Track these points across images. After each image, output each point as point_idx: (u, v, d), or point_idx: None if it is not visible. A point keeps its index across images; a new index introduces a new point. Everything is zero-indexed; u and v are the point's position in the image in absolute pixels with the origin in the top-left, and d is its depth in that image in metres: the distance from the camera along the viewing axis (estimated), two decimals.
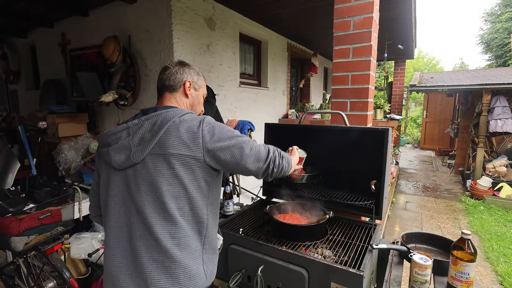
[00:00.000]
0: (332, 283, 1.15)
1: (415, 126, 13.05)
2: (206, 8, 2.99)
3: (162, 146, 0.92)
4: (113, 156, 0.97)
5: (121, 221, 0.97)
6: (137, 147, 0.94)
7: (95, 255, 2.15)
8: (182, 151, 0.92)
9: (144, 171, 0.94)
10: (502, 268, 2.83)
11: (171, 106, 1.04)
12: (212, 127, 0.97)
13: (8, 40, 4.58)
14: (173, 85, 1.09)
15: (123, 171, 0.97)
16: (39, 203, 1.80)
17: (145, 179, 0.94)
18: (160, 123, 0.94)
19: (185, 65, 1.14)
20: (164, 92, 1.10)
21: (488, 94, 5.06)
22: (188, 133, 0.93)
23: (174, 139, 0.92)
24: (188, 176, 0.93)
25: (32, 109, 4.16)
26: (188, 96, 1.12)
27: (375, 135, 1.50)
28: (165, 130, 0.93)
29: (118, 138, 0.98)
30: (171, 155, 0.92)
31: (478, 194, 4.82)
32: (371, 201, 1.53)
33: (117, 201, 0.98)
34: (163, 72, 1.11)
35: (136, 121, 0.97)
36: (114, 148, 0.97)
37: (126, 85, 3.04)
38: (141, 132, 0.95)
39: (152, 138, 0.93)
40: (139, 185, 0.94)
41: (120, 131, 0.98)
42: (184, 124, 0.95)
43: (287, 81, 5.01)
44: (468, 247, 1.08)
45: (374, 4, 1.72)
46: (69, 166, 3.03)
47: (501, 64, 12.18)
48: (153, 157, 0.93)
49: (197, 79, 1.15)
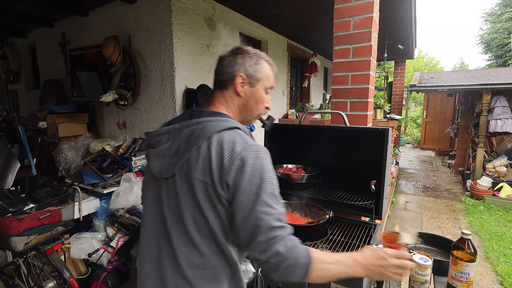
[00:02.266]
0: (332, 283, 1.15)
1: (415, 126, 13.04)
2: (206, 8, 2.99)
3: (190, 166, 0.79)
4: (152, 160, 0.87)
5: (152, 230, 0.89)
6: (170, 158, 0.82)
7: (95, 255, 2.16)
8: (207, 178, 0.76)
9: (173, 188, 0.82)
10: (502, 268, 2.83)
11: (218, 113, 0.87)
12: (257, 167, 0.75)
13: (8, 40, 4.58)
14: (223, 81, 0.90)
15: (156, 180, 0.88)
16: (39, 203, 1.79)
17: (173, 198, 0.83)
18: (197, 135, 0.79)
19: (238, 53, 0.90)
20: (215, 90, 0.93)
21: (488, 94, 5.06)
22: (220, 159, 0.76)
23: (203, 161, 0.77)
24: (210, 208, 0.78)
25: (32, 109, 4.16)
26: (240, 95, 0.90)
27: (375, 135, 1.49)
28: (198, 146, 0.78)
29: (159, 141, 0.86)
30: (195, 179, 0.78)
31: (478, 194, 4.82)
32: (371, 201, 1.53)
33: (151, 208, 0.90)
34: (217, 64, 0.93)
35: (178, 126, 0.84)
36: (154, 152, 0.87)
37: (126, 85, 3.04)
38: (179, 141, 0.82)
39: (185, 152, 0.80)
40: (170, 201, 0.84)
41: (162, 133, 0.86)
42: (220, 145, 0.77)
43: (287, 81, 5.01)
44: (468, 247, 1.08)
45: (374, 4, 1.72)
46: (69, 166, 3.03)
47: (501, 64, 12.18)
48: (181, 176, 0.80)
49: (255, 70, 0.90)
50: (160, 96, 2.86)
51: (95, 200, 2.46)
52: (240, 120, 0.93)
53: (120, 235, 2.31)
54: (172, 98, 2.76)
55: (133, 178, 2.56)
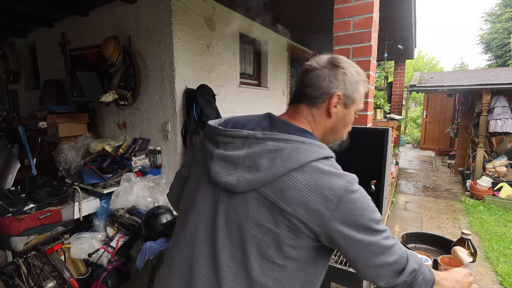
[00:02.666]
0: (332, 283, 1.15)
1: (415, 126, 13.04)
2: (206, 8, 2.99)
3: (277, 193, 0.66)
4: (215, 164, 0.74)
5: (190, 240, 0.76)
6: (245, 172, 0.68)
7: (95, 255, 2.16)
8: (299, 214, 0.64)
9: (242, 209, 0.69)
10: (502, 268, 2.83)
11: (306, 132, 0.75)
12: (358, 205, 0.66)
13: (8, 40, 4.58)
14: (315, 97, 0.76)
15: (217, 188, 0.74)
16: (39, 203, 1.79)
17: (237, 219, 0.70)
18: (287, 158, 0.66)
19: (339, 66, 0.76)
20: (300, 103, 0.79)
21: (488, 94, 5.06)
22: (319, 194, 0.64)
23: (297, 192, 0.65)
24: (292, 244, 0.67)
25: (32, 109, 4.16)
26: (331, 116, 0.78)
27: (375, 135, 1.49)
28: (290, 172, 0.65)
29: (230, 144, 0.73)
30: (282, 211, 0.65)
31: (478, 194, 4.82)
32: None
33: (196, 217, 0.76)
34: (306, 74, 0.78)
35: (260, 135, 0.70)
36: (219, 154, 0.73)
37: (126, 85, 3.04)
38: (259, 153, 0.68)
39: (269, 172, 0.66)
40: (229, 219, 0.71)
41: (236, 136, 0.73)
42: (318, 177, 0.65)
43: (287, 81, 5.02)
44: (468, 247, 1.08)
45: (374, 4, 1.72)
46: (69, 166, 3.04)
47: (501, 64, 12.18)
48: (259, 199, 0.67)
49: (353, 89, 0.77)
50: (160, 96, 2.86)
51: (95, 200, 2.46)
52: (321, 141, 0.77)
53: (120, 235, 2.31)
54: (172, 98, 2.76)
55: (133, 178, 2.56)
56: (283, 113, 0.82)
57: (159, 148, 2.94)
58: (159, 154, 2.94)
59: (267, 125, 0.75)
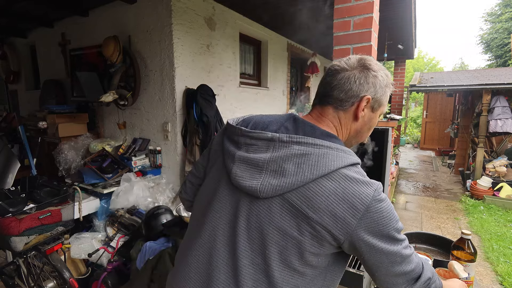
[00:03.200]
0: None
1: (415, 126, 13.04)
2: (206, 8, 2.99)
3: (303, 200, 0.64)
4: (236, 166, 0.71)
5: (207, 245, 0.74)
6: (271, 177, 0.66)
7: (95, 255, 2.16)
8: (325, 222, 0.63)
9: (263, 214, 0.67)
10: (502, 268, 2.83)
11: (333, 136, 0.72)
12: (386, 214, 0.65)
13: (8, 40, 4.58)
14: (344, 100, 0.74)
15: (238, 191, 0.71)
16: (39, 203, 1.79)
17: (259, 224, 0.68)
18: (315, 164, 0.64)
19: (370, 69, 0.74)
20: (326, 105, 0.76)
21: (488, 94, 5.06)
22: (346, 202, 0.63)
23: (324, 200, 0.63)
24: (314, 251, 0.66)
25: (32, 109, 4.16)
26: (358, 119, 0.76)
27: (375, 135, 1.49)
28: (318, 179, 0.64)
29: (252, 145, 0.71)
30: (307, 218, 0.64)
31: (478, 194, 4.82)
32: None
33: (216, 220, 0.74)
34: (334, 75, 0.75)
35: (285, 138, 0.68)
36: (241, 157, 0.71)
37: (126, 85, 3.04)
38: (285, 157, 0.66)
39: (296, 178, 0.64)
40: (250, 225, 0.69)
41: (260, 138, 0.70)
42: (346, 185, 0.64)
43: (287, 81, 5.02)
44: (468, 247, 1.08)
45: (374, 4, 1.72)
46: (69, 166, 3.04)
47: (501, 64, 12.18)
48: (284, 205, 0.66)
49: (382, 93, 0.76)
50: (160, 96, 2.86)
51: (95, 200, 2.46)
52: (344, 144, 0.75)
53: (120, 235, 2.31)
54: (172, 98, 2.76)
55: (133, 178, 2.56)
56: (307, 115, 0.80)
57: (159, 148, 2.94)
58: (159, 154, 2.94)
59: (291, 128, 0.72)
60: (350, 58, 0.76)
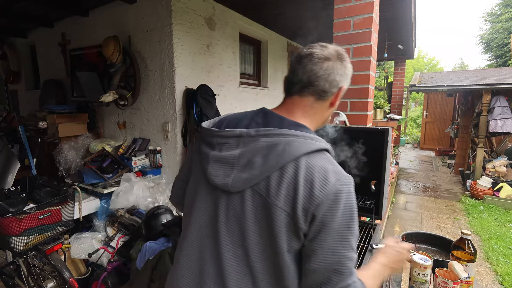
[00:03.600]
0: None
1: (415, 126, 13.04)
2: (206, 8, 2.99)
3: (270, 189, 0.66)
4: (211, 166, 0.74)
5: (196, 243, 0.77)
6: (240, 171, 0.69)
7: (95, 255, 2.16)
8: (288, 207, 0.65)
9: (239, 208, 0.69)
10: (502, 268, 2.83)
11: (302, 126, 0.73)
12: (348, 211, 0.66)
13: (8, 40, 4.58)
14: (327, 90, 0.75)
15: (214, 190, 0.74)
16: (39, 203, 1.79)
17: (237, 217, 0.70)
18: (281, 153, 0.66)
19: (345, 60, 0.77)
20: (307, 95, 0.76)
21: (488, 94, 5.06)
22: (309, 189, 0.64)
23: (288, 187, 0.65)
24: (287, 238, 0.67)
25: (32, 109, 4.16)
26: (332, 107, 0.80)
27: (375, 135, 1.49)
28: (283, 168, 0.65)
29: (224, 144, 0.74)
30: (276, 207, 0.65)
31: (478, 194, 4.82)
32: (371, 201, 1.53)
33: (199, 220, 0.77)
34: (318, 63, 0.73)
35: (253, 133, 0.70)
36: (215, 156, 0.73)
37: (126, 85, 3.04)
38: (253, 151, 0.68)
39: (263, 170, 0.66)
40: (229, 219, 0.71)
41: (229, 136, 0.73)
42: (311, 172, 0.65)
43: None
44: (468, 247, 1.08)
45: (374, 4, 1.72)
46: (69, 166, 3.04)
47: (501, 64, 12.18)
48: (255, 196, 0.68)
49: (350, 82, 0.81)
50: (160, 96, 2.86)
51: (95, 200, 2.46)
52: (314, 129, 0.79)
53: (120, 235, 2.31)
54: (172, 98, 2.76)
55: (133, 178, 2.56)
56: (279, 106, 0.82)
57: (159, 148, 2.94)
58: (159, 154, 2.94)
59: (261, 122, 0.74)
60: (327, 47, 0.76)
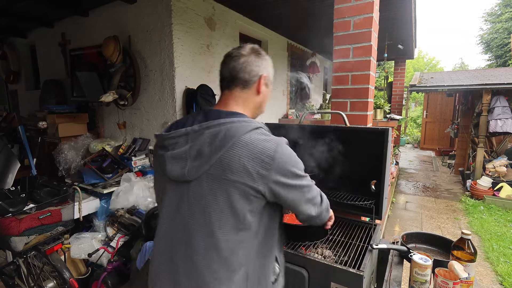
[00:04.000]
0: (332, 283, 1.15)
1: (415, 126, 13.04)
2: (206, 8, 2.99)
3: (222, 168, 0.77)
4: (168, 164, 0.84)
5: (168, 234, 0.88)
6: (193, 161, 0.80)
7: (95, 255, 2.16)
8: (244, 179, 0.77)
9: (199, 191, 0.81)
10: (502, 268, 2.83)
11: (238, 114, 0.87)
12: (288, 159, 0.81)
13: (8, 40, 4.58)
14: (248, 80, 0.89)
15: (176, 184, 0.85)
16: (39, 203, 1.79)
17: (198, 201, 0.81)
18: (223, 137, 0.78)
19: (261, 54, 0.93)
20: (234, 87, 0.90)
21: (488, 94, 5.06)
22: (255, 159, 0.77)
23: (237, 162, 0.76)
24: (245, 209, 0.79)
25: (32, 109, 4.16)
26: (260, 93, 0.93)
27: (375, 135, 1.49)
28: (228, 148, 0.77)
29: (175, 143, 0.85)
30: (230, 182, 0.77)
31: (478, 194, 4.82)
32: (371, 201, 1.53)
33: (168, 213, 0.88)
34: (236, 59, 0.89)
35: (197, 128, 0.82)
36: (170, 156, 0.85)
37: (126, 85, 3.04)
38: (200, 143, 0.80)
39: (211, 155, 0.78)
40: (191, 205, 0.82)
41: (178, 136, 0.84)
42: (252, 146, 0.78)
43: (287, 81, 5.01)
44: (468, 247, 1.08)
45: (374, 4, 1.72)
46: (69, 166, 3.04)
47: (501, 64, 12.18)
48: (209, 178, 0.79)
49: (271, 72, 0.96)
50: (160, 96, 2.86)
51: (95, 200, 2.46)
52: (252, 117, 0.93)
53: (120, 235, 2.31)
54: (172, 98, 2.76)
55: (133, 178, 2.56)
56: (217, 103, 0.94)
57: None
58: None
59: (202, 119, 0.86)
60: (243, 47, 0.92)
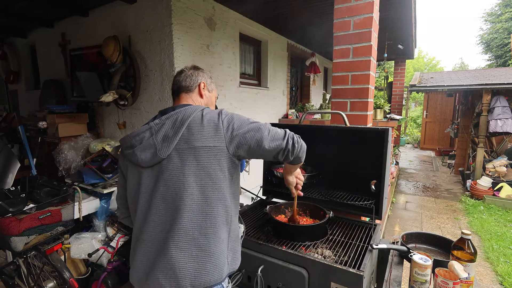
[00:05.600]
0: (332, 283, 1.15)
1: (415, 126, 13.04)
2: (206, 8, 2.99)
3: (187, 141, 0.97)
4: (139, 155, 1.01)
5: (151, 216, 1.01)
6: (161, 144, 0.99)
7: (95, 255, 2.15)
8: (206, 143, 0.97)
9: (171, 165, 0.98)
10: (502, 268, 2.83)
11: (188, 104, 1.10)
12: (231, 117, 1.02)
13: (8, 40, 4.58)
14: (189, 86, 1.16)
15: (150, 169, 1.02)
16: (39, 203, 1.79)
17: (172, 174, 0.98)
18: (181, 119, 0.99)
19: (199, 69, 1.22)
20: (180, 93, 1.17)
21: (488, 94, 5.06)
22: (210, 125, 0.98)
23: (198, 132, 0.98)
24: (214, 166, 0.98)
25: (32, 109, 4.16)
26: (203, 97, 1.19)
27: (375, 135, 1.49)
28: (187, 126, 0.98)
29: (142, 138, 1.02)
30: (197, 148, 0.97)
31: (478, 194, 4.82)
32: (371, 201, 1.53)
33: (147, 198, 1.03)
34: (179, 75, 1.19)
35: (157, 121, 1.02)
36: (139, 148, 1.02)
37: (126, 85, 3.04)
38: (164, 130, 1.00)
39: (175, 135, 0.98)
40: (167, 179, 0.99)
41: (143, 131, 1.03)
42: (204, 118, 1.00)
43: (287, 81, 5.01)
44: (468, 247, 1.08)
45: (374, 4, 1.72)
46: (69, 166, 3.03)
47: (501, 64, 12.18)
48: (178, 152, 0.98)
49: (210, 82, 1.23)
50: (160, 96, 2.86)
51: (95, 200, 2.46)
52: None
53: (120, 235, 2.31)
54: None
55: None
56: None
57: None
58: None
59: (160, 115, 1.06)
60: (187, 66, 1.23)
